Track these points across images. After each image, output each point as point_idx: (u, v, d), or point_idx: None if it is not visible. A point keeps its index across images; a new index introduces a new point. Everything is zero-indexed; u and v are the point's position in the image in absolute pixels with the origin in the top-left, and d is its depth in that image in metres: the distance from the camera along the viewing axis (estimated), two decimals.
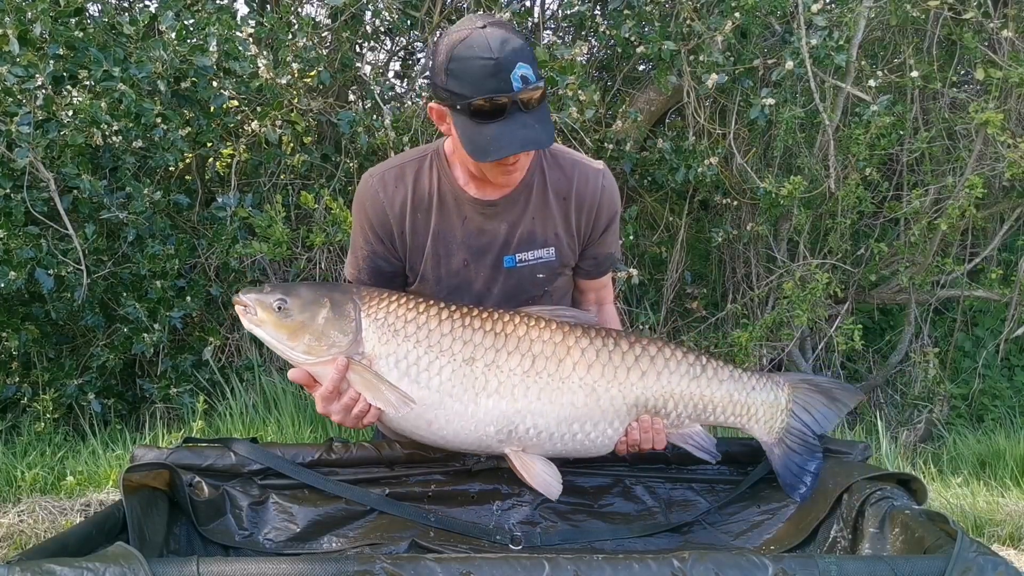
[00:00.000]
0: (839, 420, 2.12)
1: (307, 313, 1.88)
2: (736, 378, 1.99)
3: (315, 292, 1.92)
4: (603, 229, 2.18)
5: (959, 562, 1.38)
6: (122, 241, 3.75)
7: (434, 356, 1.87)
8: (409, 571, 1.34)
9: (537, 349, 1.90)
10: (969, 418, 4.73)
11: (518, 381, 1.88)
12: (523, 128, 1.86)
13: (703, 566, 1.37)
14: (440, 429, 1.88)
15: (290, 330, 1.88)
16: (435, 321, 1.90)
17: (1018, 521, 3.11)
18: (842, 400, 2.05)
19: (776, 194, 4.10)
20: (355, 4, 4.00)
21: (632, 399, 1.92)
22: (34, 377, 3.85)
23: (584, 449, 1.94)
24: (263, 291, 1.93)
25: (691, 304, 4.83)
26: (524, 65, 1.83)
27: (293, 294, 1.91)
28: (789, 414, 2.00)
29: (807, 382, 2.05)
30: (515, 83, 1.82)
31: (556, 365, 1.90)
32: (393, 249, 2.12)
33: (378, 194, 2.09)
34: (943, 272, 4.48)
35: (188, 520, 1.82)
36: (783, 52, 4.00)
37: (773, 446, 2.00)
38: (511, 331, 1.91)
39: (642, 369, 1.93)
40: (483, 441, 1.89)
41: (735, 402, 1.98)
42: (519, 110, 1.85)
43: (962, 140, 4.47)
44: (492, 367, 1.88)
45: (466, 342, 1.88)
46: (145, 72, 3.52)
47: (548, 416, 1.88)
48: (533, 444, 1.90)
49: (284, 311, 1.88)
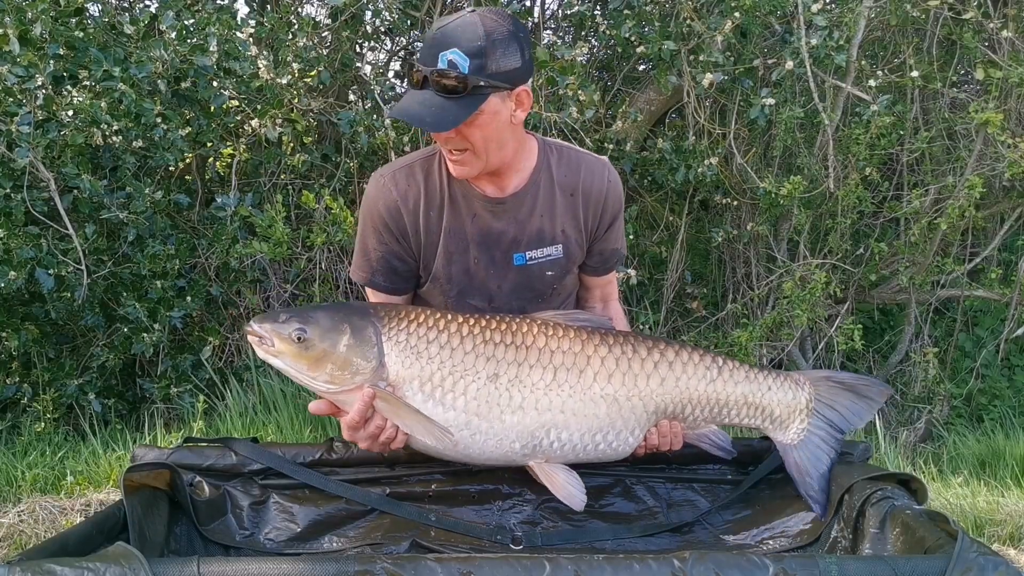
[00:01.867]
0: (870, 417, 2.06)
1: (327, 342, 1.81)
2: (752, 379, 1.97)
3: (334, 318, 1.84)
4: (609, 224, 2.19)
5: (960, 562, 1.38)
6: (122, 241, 3.75)
7: (458, 376, 1.84)
8: (410, 571, 1.34)
9: (558, 361, 1.88)
10: (969, 418, 4.73)
11: (541, 395, 1.86)
12: (421, 103, 1.86)
13: (703, 566, 1.37)
14: (467, 448, 1.86)
15: (311, 360, 1.81)
16: (457, 339, 1.86)
17: (1018, 521, 3.11)
18: (871, 396, 1.99)
19: (776, 194, 4.10)
20: (355, 4, 4.00)
21: (652, 407, 1.92)
22: (34, 377, 3.84)
23: (606, 456, 1.94)
24: (279, 320, 1.84)
25: (691, 304, 4.83)
26: (459, 53, 1.83)
27: (312, 323, 1.82)
28: (811, 413, 1.97)
29: (831, 379, 2.01)
30: (439, 62, 1.84)
31: (578, 377, 1.88)
32: (408, 247, 2.11)
33: (391, 192, 2.08)
34: (943, 272, 4.48)
35: (189, 520, 1.82)
36: (783, 52, 4.00)
37: (790, 448, 1.96)
38: (531, 343, 1.89)
39: (661, 376, 1.93)
40: (509, 457, 1.88)
41: (751, 403, 1.96)
42: (432, 88, 1.85)
43: (962, 140, 4.47)
44: (516, 382, 1.85)
45: (489, 358, 1.86)
46: (145, 72, 3.52)
47: (572, 428, 1.88)
48: (557, 456, 1.89)
49: (305, 342, 1.80)
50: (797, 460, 1.94)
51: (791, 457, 1.95)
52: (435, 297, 2.18)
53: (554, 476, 1.87)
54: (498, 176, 2.08)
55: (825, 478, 1.91)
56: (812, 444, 1.95)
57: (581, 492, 1.87)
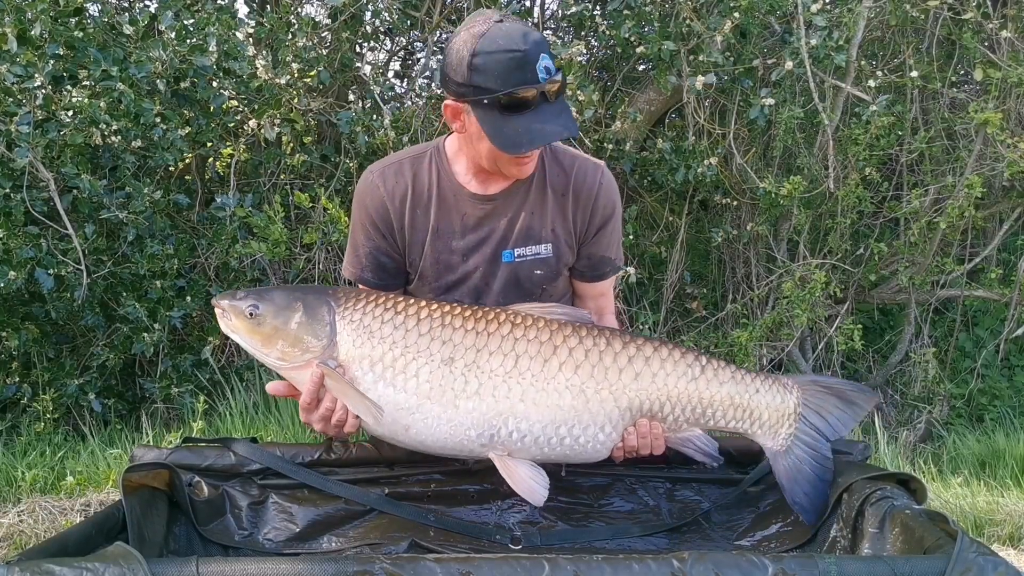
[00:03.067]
0: (855, 424, 1.99)
1: (280, 319, 1.83)
2: (738, 380, 1.88)
3: (288, 296, 1.87)
4: (599, 227, 2.16)
5: (959, 562, 1.37)
6: (122, 241, 3.75)
7: (410, 358, 1.81)
8: (408, 571, 1.34)
9: (521, 348, 1.82)
10: (969, 418, 4.73)
11: (500, 382, 1.80)
12: (551, 118, 1.87)
13: (702, 566, 1.37)
14: (418, 434, 1.82)
15: (263, 336, 1.84)
16: (413, 320, 1.83)
17: (1018, 521, 3.12)
18: (857, 402, 1.93)
19: (776, 194, 4.11)
20: (355, 4, 4.00)
21: (625, 403, 1.84)
22: (34, 377, 3.84)
23: (575, 455, 1.87)
24: (236, 296, 1.88)
25: (691, 304, 4.83)
26: (546, 56, 1.85)
27: (266, 299, 1.86)
28: (798, 419, 1.89)
29: (818, 384, 1.94)
30: (540, 74, 1.84)
31: (541, 365, 1.81)
32: (395, 243, 2.12)
33: (378, 189, 2.10)
34: (943, 272, 4.48)
35: (188, 520, 1.82)
36: (783, 52, 4.01)
37: (779, 455, 1.89)
38: (494, 330, 1.83)
39: (636, 371, 1.84)
40: (464, 445, 1.83)
41: (736, 405, 1.87)
42: (545, 101, 1.87)
43: (962, 140, 4.47)
44: (472, 368, 1.80)
45: (445, 342, 1.81)
46: (144, 72, 3.52)
47: (532, 420, 1.80)
48: (518, 448, 1.83)
49: (256, 317, 1.84)
50: (785, 467, 1.88)
51: (780, 464, 1.89)
52: (423, 294, 2.18)
53: (515, 469, 1.81)
54: (492, 172, 2.08)
55: (812, 485, 1.85)
56: (799, 450, 1.88)
57: (543, 488, 1.80)
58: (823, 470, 1.87)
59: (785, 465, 1.88)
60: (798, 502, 1.85)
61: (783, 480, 1.88)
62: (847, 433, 1.94)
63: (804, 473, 1.86)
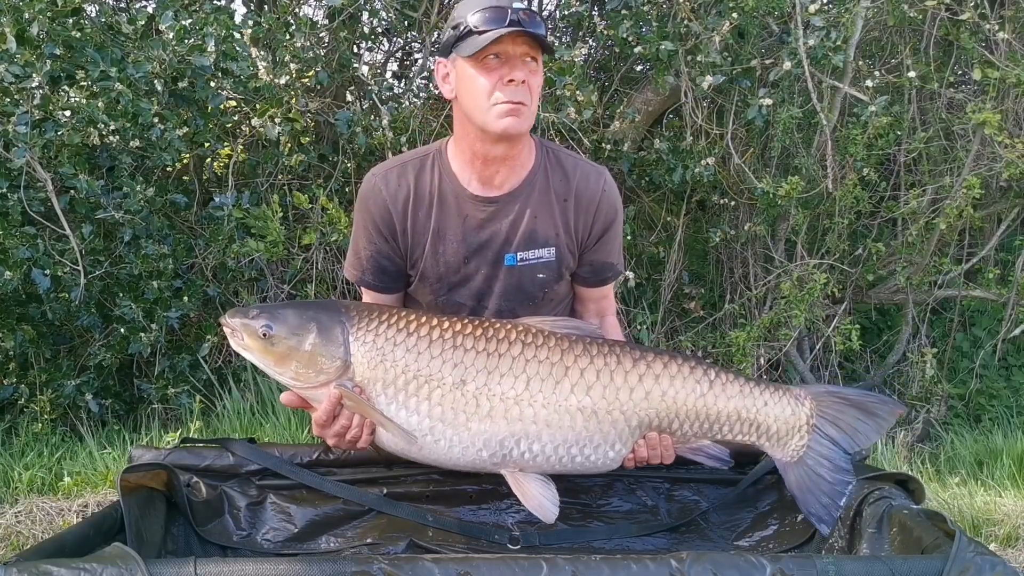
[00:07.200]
0: (879, 436, 1.93)
1: (294, 339, 1.82)
2: (746, 393, 1.86)
3: (302, 316, 1.86)
4: (601, 233, 2.16)
5: (957, 562, 1.38)
6: (119, 241, 3.74)
7: (423, 382, 1.81)
8: (407, 571, 1.34)
9: (532, 371, 1.82)
10: (967, 418, 4.73)
11: (511, 405, 1.81)
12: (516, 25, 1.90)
13: (701, 566, 1.37)
14: (431, 453, 1.84)
15: (276, 357, 1.84)
16: (425, 343, 1.83)
17: (1015, 521, 3.12)
18: (880, 414, 1.86)
19: (774, 194, 4.11)
20: (353, 4, 4.00)
21: (636, 421, 1.85)
22: (31, 378, 3.83)
23: (586, 469, 1.89)
24: (249, 315, 1.87)
25: (689, 304, 4.83)
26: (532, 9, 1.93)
27: (279, 319, 1.84)
28: (812, 430, 1.86)
29: (836, 395, 1.89)
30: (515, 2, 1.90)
31: (553, 388, 1.82)
32: (396, 247, 2.13)
33: (381, 192, 2.10)
34: (941, 272, 4.48)
35: (186, 520, 1.82)
36: (781, 52, 4.01)
37: (789, 466, 1.87)
38: (505, 350, 1.83)
39: (646, 389, 1.84)
40: (476, 464, 1.85)
41: (744, 419, 1.86)
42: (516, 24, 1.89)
43: (959, 140, 4.47)
44: (484, 390, 1.81)
45: (456, 365, 1.81)
46: (142, 72, 3.51)
47: (544, 440, 1.82)
48: (530, 466, 1.84)
49: (270, 338, 1.83)
50: (797, 478, 1.86)
51: (790, 475, 1.87)
52: (424, 297, 2.18)
53: (526, 486, 1.82)
54: (494, 173, 2.08)
55: (829, 496, 1.82)
56: (812, 461, 1.86)
57: (554, 505, 1.81)
58: (840, 481, 1.83)
59: (796, 476, 1.86)
60: (813, 512, 1.83)
61: (794, 490, 1.86)
62: (868, 445, 1.91)
63: (817, 483, 1.84)
